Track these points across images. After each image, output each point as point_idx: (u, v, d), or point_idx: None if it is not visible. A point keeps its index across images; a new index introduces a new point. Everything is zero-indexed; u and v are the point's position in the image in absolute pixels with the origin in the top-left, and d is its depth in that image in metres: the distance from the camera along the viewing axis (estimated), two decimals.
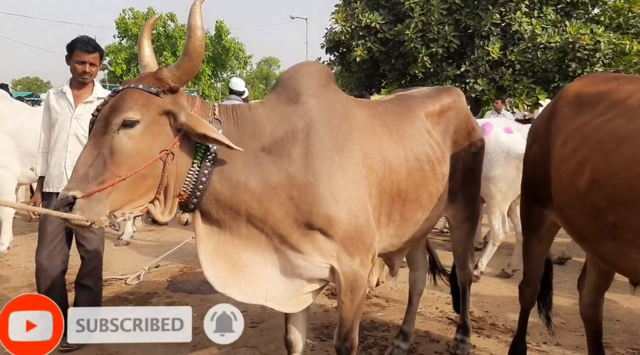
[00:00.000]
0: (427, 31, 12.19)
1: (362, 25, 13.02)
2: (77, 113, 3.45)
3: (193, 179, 2.06)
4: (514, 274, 5.11)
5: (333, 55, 14.67)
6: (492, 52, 12.23)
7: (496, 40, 12.29)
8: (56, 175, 3.44)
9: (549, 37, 12.03)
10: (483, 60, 12.53)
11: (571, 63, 11.79)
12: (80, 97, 3.48)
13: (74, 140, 3.42)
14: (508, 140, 4.90)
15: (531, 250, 2.85)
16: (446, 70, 12.71)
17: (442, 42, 12.23)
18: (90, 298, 3.59)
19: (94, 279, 3.61)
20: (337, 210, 2.20)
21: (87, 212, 1.86)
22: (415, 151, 2.59)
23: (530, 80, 12.27)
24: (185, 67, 1.98)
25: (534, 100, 12.40)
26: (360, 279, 2.36)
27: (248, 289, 2.22)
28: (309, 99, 2.26)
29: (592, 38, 11.56)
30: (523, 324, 3.07)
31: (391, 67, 13.48)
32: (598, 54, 11.51)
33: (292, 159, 2.16)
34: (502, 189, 4.82)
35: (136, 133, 1.93)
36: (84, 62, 3.37)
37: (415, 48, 12.31)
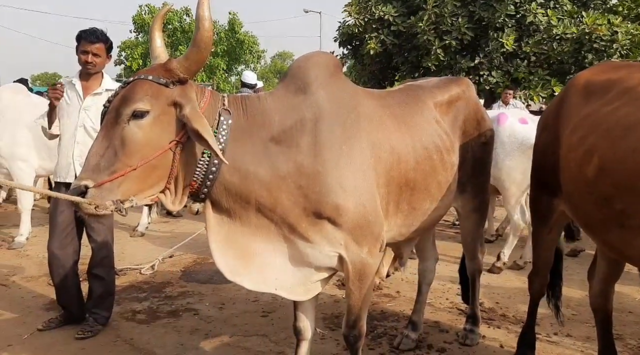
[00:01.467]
0: (440, 23, 12.11)
1: (375, 18, 12.96)
2: (86, 104, 3.49)
3: (203, 169, 2.09)
4: (526, 266, 5.09)
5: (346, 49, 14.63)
6: (507, 44, 12.11)
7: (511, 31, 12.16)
8: (64, 165, 3.50)
9: (565, 28, 11.88)
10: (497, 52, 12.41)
11: (588, 54, 11.63)
12: (89, 89, 3.53)
13: (82, 131, 3.47)
14: (523, 130, 4.87)
15: (540, 240, 2.85)
16: (460, 63, 12.63)
17: (455, 34, 12.13)
18: (103, 288, 3.66)
19: (105, 268, 3.68)
20: (345, 200, 2.22)
21: (99, 201, 1.91)
22: (423, 141, 2.60)
23: (546, 72, 12.14)
24: (194, 57, 2.01)
25: (550, 92, 12.26)
26: (368, 268, 2.39)
27: (258, 278, 2.26)
28: (317, 89, 2.28)
29: (609, 28, 11.40)
30: (532, 314, 3.07)
31: (404, 59, 13.41)
32: (615, 44, 11.35)
33: (301, 148, 2.19)
34: (517, 180, 4.80)
35: (146, 123, 1.97)
36: (87, 52, 3.41)
37: (429, 40, 12.23)
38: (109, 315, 3.71)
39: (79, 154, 3.42)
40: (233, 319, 3.85)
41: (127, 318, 3.86)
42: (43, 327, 3.62)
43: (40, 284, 4.57)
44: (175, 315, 3.92)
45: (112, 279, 3.79)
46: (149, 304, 4.14)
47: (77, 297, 3.71)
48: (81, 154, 3.37)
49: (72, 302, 3.68)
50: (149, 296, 4.32)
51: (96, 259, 3.67)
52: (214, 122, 2.10)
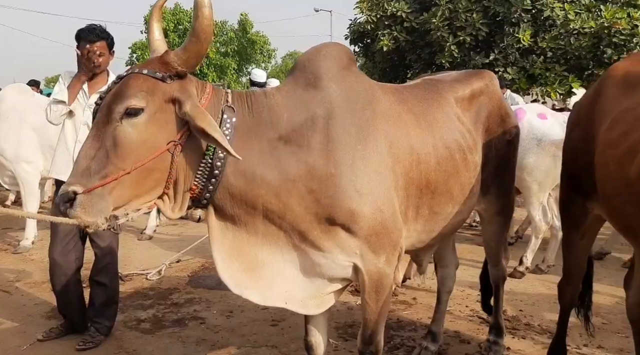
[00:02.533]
0: (454, 19, 11.84)
1: (388, 14, 12.74)
2: (90, 102, 3.32)
3: (205, 172, 1.90)
4: (549, 270, 4.85)
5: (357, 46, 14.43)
6: (523, 40, 11.82)
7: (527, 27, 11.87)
8: (65, 161, 3.32)
9: (583, 22, 11.57)
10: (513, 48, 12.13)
11: (606, 49, 11.31)
12: (94, 87, 3.37)
13: (85, 129, 3.29)
14: (542, 126, 4.63)
15: (572, 246, 2.63)
16: (474, 59, 12.35)
17: (470, 30, 11.86)
18: (106, 295, 3.50)
19: (108, 275, 3.51)
20: (360, 204, 2.02)
21: (89, 209, 1.72)
22: (444, 139, 2.39)
23: (563, 68, 11.83)
24: (193, 49, 1.82)
25: (567, 88, 11.95)
26: (386, 278, 2.19)
27: (266, 291, 2.07)
28: (329, 83, 2.08)
29: (629, 22, 11.07)
30: (563, 326, 2.85)
31: (417, 57, 13.17)
32: (635, 39, 11.01)
33: (312, 148, 1.99)
34: (538, 179, 4.55)
35: (140, 122, 1.78)
36: (89, 52, 3.25)
37: (442, 37, 11.98)
38: (111, 325, 3.54)
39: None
40: (241, 329, 3.66)
41: (131, 327, 3.69)
42: (43, 338, 3.47)
43: (44, 290, 4.42)
44: (181, 325, 3.74)
45: (116, 287, 3.62)
46: (154, 312, 3.97)
47: (79, 306, 3.55)
48: None
49: (74, 311, 3.53)
50: (154, 303, 4.15)
51: (99, 265, 3.51)
52: (216, 120, 1.90)
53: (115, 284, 3.59)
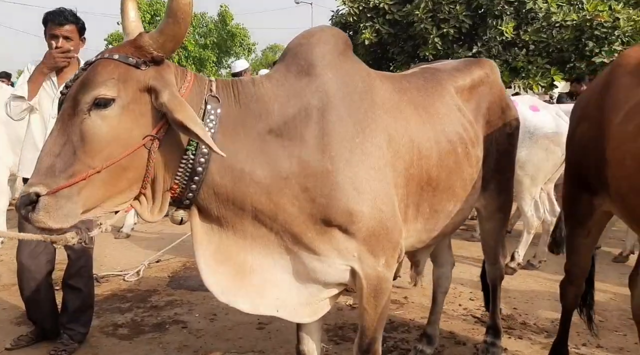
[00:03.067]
0: (437, 11, 11.74)
1: (370, 6, 12.58)
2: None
3: (187, 170, 1.70)
4: (540, 265, 4.75)
5: None
6: (506, 32, 11.77)
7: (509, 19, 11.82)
8: (32, 159, 3.07)
9: (565, 15, 11.57)
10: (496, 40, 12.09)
11: (588, 42, 11.32)
12: (63, 77, 3.09)
13: None
14: (534, 118, 4.50)
15: (577, 244, 2.50)
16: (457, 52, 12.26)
17: (453, 23, 11.77)
18: (80, 300, 3.27)
19: (83, 279, 3.27)
20: (359, 203, 1.85)
21: (54, 212, 1.51)
22: (446, 132, 2.23)
23: (545, 61, 11.83)
24: (170, 31, 1.60)
25: (549, 81, 11.97)
26: (385, 283, 2.02)
27: (256, 298, 1.88)
28: (324, 70, 1.89)
29: (610, 15, 11.09)
30: (565, 327, 2.72)
31: (400, 50, 13.05)
32: (617, 31, 11.04)
33: (306, 142, 1.81)
34: (530, 172, 4.43)
35: (112, 114, 1.57)
36: (56, 36, 2.97)
37: (426, 29, 11.87)
38: (86, 332, 3.31)
39: None
40: (226, 333, 3.47)
41: (108, 333, 3.47)
42: (12, 346, 3.23)
43: (13, 294, 4.14)
44: (162, 329, 3.53)
45: (91, 291, 3.38)
46: (132, 316, 3.75)
47: (51, 312, 3.31)
48: None
49: (45, 317, 3.29)
50: (132, 307, 3.92)
51: (73, 268, 3.26)
52: (199, 111, 1.71)
53: (90, 288, 3.36)
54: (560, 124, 4.32)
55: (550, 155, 4.32)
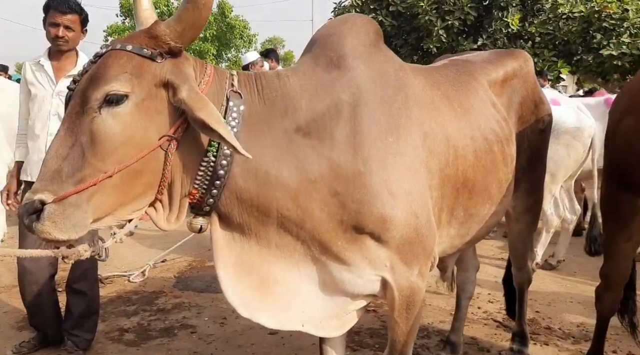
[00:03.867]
0: (442, 3, 11.57)
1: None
2: (59, 88, 2.90)
3: (208, 173, 1.54)
4: (559, 265, 4.60)
5: None
6: (512, 24, 11.62)
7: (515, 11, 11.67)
8: (35, 161, 2.91)
9: (572, 6, 11.41)
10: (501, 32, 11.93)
11: (596, 34, 11.16)
12: (61, 70, 2.94)
13: (56, 120, 2.88)
14: (555, 113, 4.31)
15: (617, 248, 2.34)
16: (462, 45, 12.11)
17: (458, 14, 11.61)
18: (85, 305, 3.11)
19: (88, 282, 3.12)
20: (394, 208, 1.68)
21: (61, 222, 1.35)
22: (482, 129, 2.06)
23: (552, 53, 11.69)
24: (189, 18, 1.43)
25: (556, 74, 11.82)
26: (418, 294, 1.86)
27: (280, 313, 1.73)
28: (355, 62, 1.73)
29: (619, 6, 10.92)
30: (601, 335, 2.57)
31: (403, 42, 12.88)
32: (626, 23, 10.88)
33: (336, 142, 1.64)
34: (551, 169, 4.24)
35: (125, 112, 1.40)
36: (57, 24, 2.81)
37: (430, 21, 11.71)
38: (91, 338, 3.16)
39: None
40: (237, 338, 3.31)
41: (114, 339, 3.31)
42: (13, 353, 3.07)
43: (13, 296, 3.99)
44: (170, 334, 3.37)
45: (96, 295, 3.23)
46: (138, 320, 3.59)
47: (54, 317, 3.15)
48: None
49: (48, 323, 3.13)
50: (138, 310, 3.77)
51: (77, 271, 3.10)
52: (220, 108, 1.54)
53: (95, 292, 3.20)
54: (582, 118, 4.16)
55: (572, 151, 4.16)
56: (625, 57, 10.77)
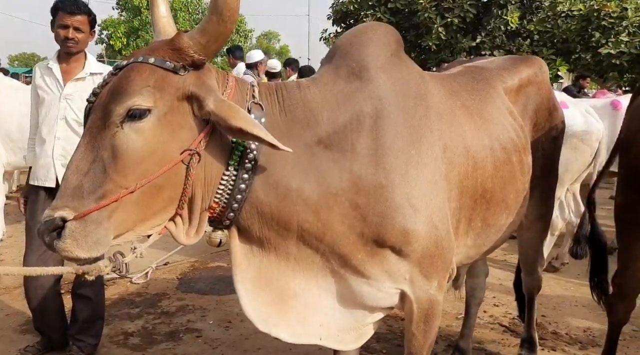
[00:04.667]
0: (441, 0, 11.58)
1: None
2: (66, 92, 2.88)
3: (228, 187, 1.51)
4: (562, 268, 4.60)
5: (340, 27, 14.05)
6: (511, 22, 11.65)
7: (514, 9, 11.70)
8: (42, 165, 2.88)
9: (571, 4, 11.45)
10: (500, 30, 11.97)
11: (594, 32, 11.20)
12: (69, 73, 2.90)
13: (63, 124, 2.86)
14: None
15: (632, 258, 2.32)
16: (461, 42, 12.15)
17: (457, 12, 11.63)
18: (90, 310, 3.08)
19: (94, 287, 3.07)
20: (415, 222, 1.66)
21: (82, 240, 1.32)
22: (501, 139, 2.04)
23: (550, 51, 11.72)
24: (214, 30, 1.40)
25: (554, 72, 11.85)
26: (437, 306, 1.85)
27: (298, 327, 1.70)
28: (377, 73, 1.70)
29: (618, 5, 10.96)
30: (612, 344, 2.56)
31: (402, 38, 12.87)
32: (624, 22, 10.92)
33: (358, 154, 1.61)
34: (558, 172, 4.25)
35: (147, 126, 1.37)
36: (67, 26, 2.77)
37: (429, 18, 11.72)
38: (96, 343, 3.12)
39: (61, 152, 2.84)
40: (242, 343, 3.29)
41: (118, 343, 3.28)
42: None
43: (16, 298, 3.94)
44: (175, 338, 3.34)
45: (102, 300, 3.20)
46: (143, 323, 3.56)
47: (59, 322, 3.11)
48: (63, 152, 2.83)
49: (53, 327, 3.09)
50: (142, 312, 3.73)
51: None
52: None
53: (101, 297, 3.17)
54: (590, 121, 4.14)
55: (579, 154, 4.14)
56: (623, 56, 10.81)
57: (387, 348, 3.19)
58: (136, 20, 24.67)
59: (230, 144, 1.50)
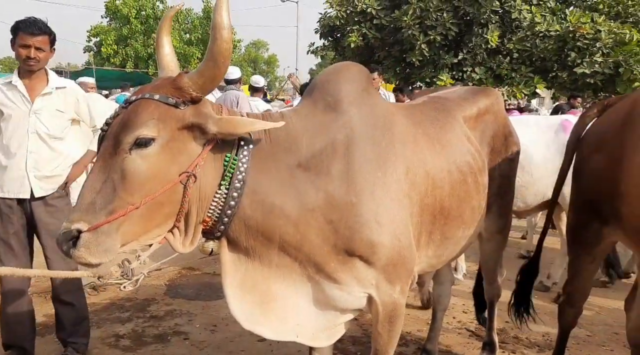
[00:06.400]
0: (425, 18, 11.90)
1: (358, 11, 12.70)
2: (36, 107, 2.95)
3: (220, 203, 1.77)
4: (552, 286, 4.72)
5: (327, 40, 14.34)
6: (491, 40, 11.99)
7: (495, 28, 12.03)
8: (14, 178, 2.94)
9: (549, 25, 11.82)
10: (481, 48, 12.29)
11: (570, 52, 11.58)
12: (35, 89, 2.97)
13: (35, 138, 2.94)
14: None
15: (581, 269, 2.61)
16: (444, 58, 12.47)
17: (440, 30, 11.95)
18: (75, 313, 3.22)
19: (73, 293, 3.19)
20: (380, 234, 1.93)
21: (94, 248, 1.57)
22: (457, 162, 2.33)
23: (529, 69, 12.10)
24: (210, 74, 1.67)
25: (532, 89, 12.23)
26: (400, 308, 2.12)
27: (277, 325, 1.96)
28: (349, 106, 1.98)
29: (592, 27, 11.36)
30: (562, 346, 2.84)
31: (387, 54, 13.19)
32: (598, 43, 11.31)
33: (332, 176, 1.88)
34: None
35: (152, 153, 1.63)
36: (28, 46, 2.84)
37: (413, 35, 12.02)
38: (87, 341, 3.31)
39: (34, 164, 2.94)
40: (227, 345, 3.52)
41: (110, 344, 3.50)
42: None
43: None
44: (163, 340, 3.57)
45: (84, 302, 3.32)
46: (133, 326, 3.78)
47: (33, 332, 3.19)
48: (36, 164, 2.94)
49: (27, 338, 3.14)
50: (132, 316, 3.95)
51: (60, 282, 3.13)
52: (232, 146, 1.78)
53: (82, 300, 3.29)
54: None
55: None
56: (597, 76, 11.23)
57: (362, 350, 3.44)
58: (125, 29, 24.80)
59: (223, 167, 1.77)
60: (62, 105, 3.05)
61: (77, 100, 3.13)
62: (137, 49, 24.60)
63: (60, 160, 3.06)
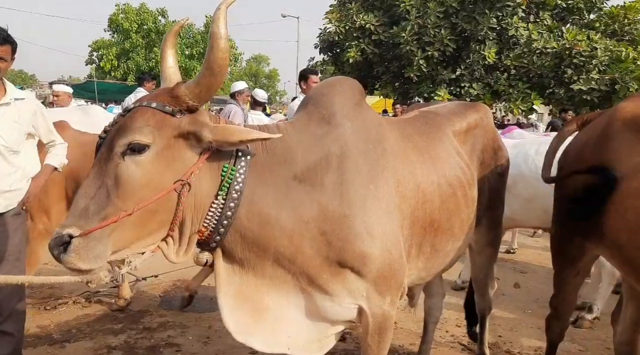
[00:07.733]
0: (423, 34, 12.05)
1: (357, 27, 12.86)
2: None
3: (217, 213, 1.79)
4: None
5: (327, 55, 14.48)
6: (488, 57, 12.12)
7: (492, 44, 12.17)
8: None
9: (545, 42, 11.96)
10: (478, 64, 12.41)
11: (567, 69, 11.72)
12: None
13: None
14: None
15: (565, 283, 2.64)
16: (441, 74, 12.60)
17: (438, 46, 12.09)
18: (11, 347, 2.95)
19: (16, 324, 2.96)
20: (371, 246, 1.96)
21: (84, 254, 1.58)
22: (447, 175, 2.36)
23: (526, 86, 12.22)
24: (206, 83, 1.71)
25: (529, 105, 12.34)
26: (389, 320, 2.14)
27: (270, 337, 1.97)
28: (343, 120, 2.02)
29: (588, 44, 11.51)
30: None
31: (385, 69, 13.32)
32: (595, 60, 11.45)
33: (326, 188, 1.92)
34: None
35: (146, 160, 1.66)
36: None
37: (411, 51, 12.16)
38: None
39: None
40: None
41: None
42: None
43: None
44: (156, 352, 3.56)
45: (22, 336, 3.06)
46: (125, 338, 3.77)
47: None
48: None
49: None
50: (125, 328, 3.94)
51: (5, 311, 2.89)
52: (230, 157, 1.81)
53: (21, 333, 3.05)
54: None
55: None
56: (594, 92, 11.35)
57: None
58: (127, 43, 25.01)
59: (220, 177, 1.79)
60: (19, 117, 2.89)
61: (34, 112, 2.97)
62: (138, 62, 24.78)
63: (19, 174, 2.90)
